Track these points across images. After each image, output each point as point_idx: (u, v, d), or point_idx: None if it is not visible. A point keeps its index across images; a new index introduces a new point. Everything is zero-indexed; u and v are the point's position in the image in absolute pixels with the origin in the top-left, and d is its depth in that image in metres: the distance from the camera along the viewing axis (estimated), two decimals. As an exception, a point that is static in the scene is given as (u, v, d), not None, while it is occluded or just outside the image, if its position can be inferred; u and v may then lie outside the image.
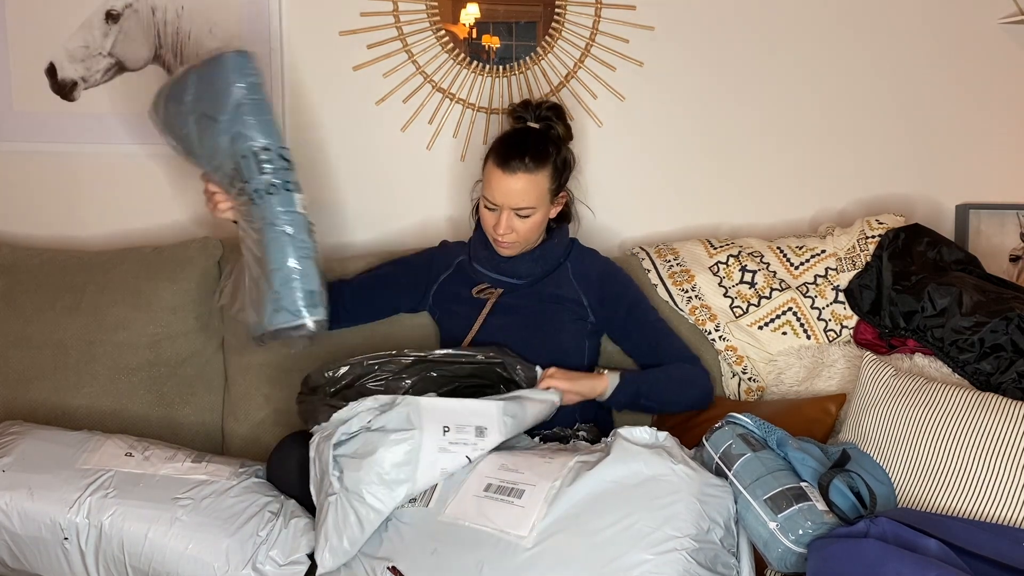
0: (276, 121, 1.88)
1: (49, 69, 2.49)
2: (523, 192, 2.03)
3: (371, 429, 1.70)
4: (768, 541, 1.59)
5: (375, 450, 1.67)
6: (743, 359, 2.23)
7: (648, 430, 1.70)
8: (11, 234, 2.56)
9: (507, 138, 2.10)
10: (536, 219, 2.07)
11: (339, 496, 1.67)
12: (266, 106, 1.87)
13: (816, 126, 2.47)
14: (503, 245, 2.09)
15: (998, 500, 1.64)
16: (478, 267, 2.17)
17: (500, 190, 2.03)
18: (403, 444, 1.68)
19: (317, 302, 1.86)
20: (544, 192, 2.06)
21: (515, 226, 2.05)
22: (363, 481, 1.66)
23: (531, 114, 2.14)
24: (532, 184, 2.03)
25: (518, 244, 2.10)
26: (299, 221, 1.87)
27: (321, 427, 1.76)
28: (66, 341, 2.22)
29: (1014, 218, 2.43)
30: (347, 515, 1.66)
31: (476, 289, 2.14)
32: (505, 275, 2.14)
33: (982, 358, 1.92)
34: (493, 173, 2.04)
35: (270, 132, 1.87)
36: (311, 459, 1.76)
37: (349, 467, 1.68)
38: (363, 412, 1.72)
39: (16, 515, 1.76)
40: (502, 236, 2.06)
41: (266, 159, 1.85)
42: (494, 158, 2.05)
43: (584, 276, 2.15)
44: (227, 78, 1.86)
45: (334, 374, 1.95)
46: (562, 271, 2.15)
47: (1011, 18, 2.38)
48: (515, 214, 2.04)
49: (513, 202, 2.03)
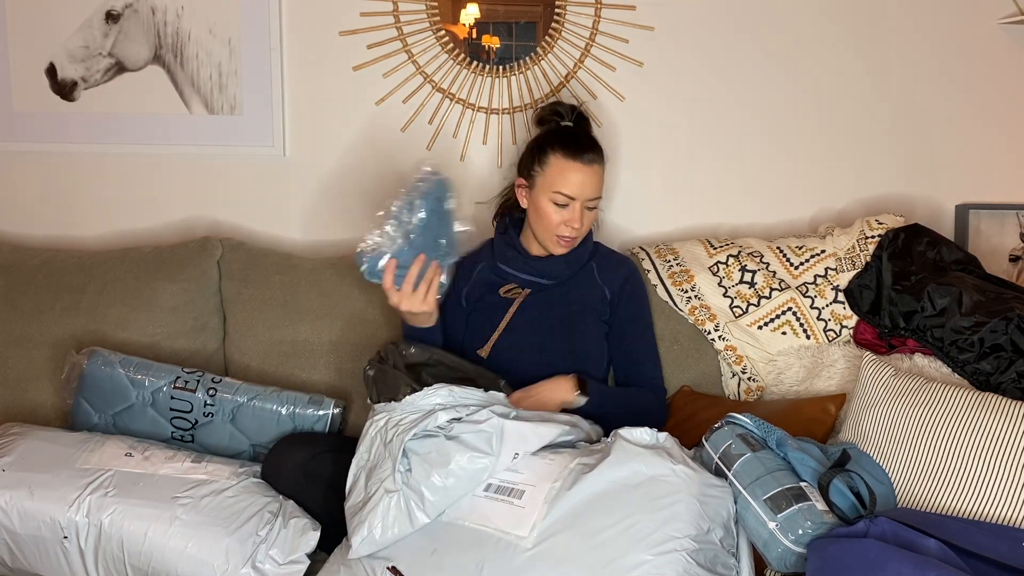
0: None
1: (49, 69, 2.49)
2: (598, 183, 2.07)
3: (449, 437, 1.67)
4: (768, 541, 1.58)
5: (449, 462, 1.64)
6: (743, 359, 2.23)
7: (648, 430, 1.70)
8: (11, 234, 2.57)
9: (568, 133, 2.12)
10: (597, 213, 2.13)
11: (399, 493, 1.63)
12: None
13: (816, 126, 2.47)
14: (565, 243, 2.09)
15: (998, 500, 1.64)
16: (505, 268, 2.16)
17: (578, 183, 2.04)
18: (478, 465, 1.65)
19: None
20: (603, 182, 2.11)
21: (583, 221, 2.08)
22: (430, 487, 1.63)
23: (566, 112, 2.18)
24: (602, 176, 2.09)
25: (576, 241, 2.12)
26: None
27: (390, 407, 1.74)
28: (66, 341, 2.22)
29: (1014, 218, 2.43)
30: (401, 513, 1.63)
31: (504, 289, 2.14)
32: (536, 275, 2.14)
33: (982, 358, 1.92)
34: (569, 166, 2.04)
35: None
36: (364, 432, 1.74)
37: (419, 468, 1.64)
38: (440, 412, 1.69)
39: (16, 514, 1.77)
40: (578, 230, 2.07)
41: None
42: (564, 152, 2.05)
43: (611, 274, 2.17)
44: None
45: (405, 351, 1.94)
46: (587, 271, 2.16)
47: (1011, 18, 2.38)
48: (586, 210, 2.07)
49: (589, 193, 2.05)
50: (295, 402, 2.04)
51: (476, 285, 2.17)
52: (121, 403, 2.04)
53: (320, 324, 2.27)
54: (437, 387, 1.76)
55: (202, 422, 2.02)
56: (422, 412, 1.72)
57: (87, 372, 2.05)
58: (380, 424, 1.74)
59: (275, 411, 2.03)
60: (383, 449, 1.70)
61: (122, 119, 2.50)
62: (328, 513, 1.85)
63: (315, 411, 2.04)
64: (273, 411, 2.03)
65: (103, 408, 2.05)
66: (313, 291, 2.30)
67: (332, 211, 2.53)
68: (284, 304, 2.29)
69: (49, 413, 2.20)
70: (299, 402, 2.04)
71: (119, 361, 2.05)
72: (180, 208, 2.55)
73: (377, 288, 2.05)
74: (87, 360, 2.05)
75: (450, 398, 1.75)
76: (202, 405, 2.02)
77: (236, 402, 2.02)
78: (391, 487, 1.64)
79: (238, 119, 2.48)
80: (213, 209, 2.55)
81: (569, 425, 1.81)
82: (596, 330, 2.13)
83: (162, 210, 2.55)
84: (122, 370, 2.04)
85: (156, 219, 2.56)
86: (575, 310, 2.12)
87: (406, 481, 1.64)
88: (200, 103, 2.49)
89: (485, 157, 2.50)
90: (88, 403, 2.06)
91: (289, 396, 2.05)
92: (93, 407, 2.06)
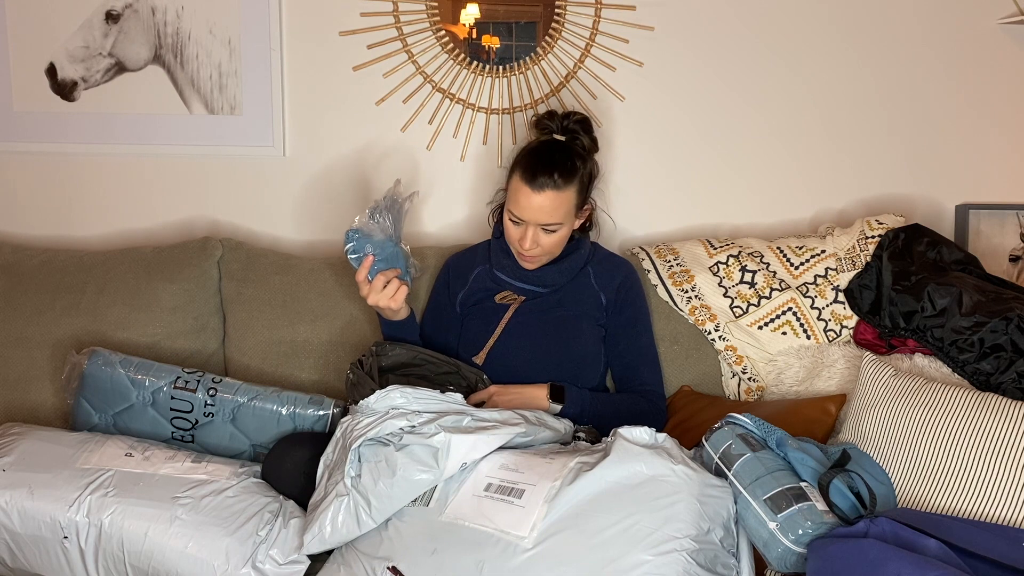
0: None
1: (49, 69, 2.49)
2: (551, 209, 2.00)
3: (399, 447, 1.69)
4: (768, 541, 1.58)
5: (394, 472, 1.67)
6: (743, 359, 2.23)
7: (648, 431, 1.70)
8: (11, 234, 2.57)
9: (534, 152, 2.06)
10: (562, 234, 2.07)
11: (349, 497, 1.67)
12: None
13: (816, 126, 2.47)
14: (527, 259, 2.09)
15: (998, 500, 1.64)
16: (500, 275, 2.16)
17: (527, 207, 2.00)
18: (421, 477, 1.68)
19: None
20: (571, 208, 2.04)
21: (540, 241, 2.04)
22: (376, 494, 1.66)
23: (557, 125, 2.12)
24: (560, 201, 2.01)
25: (543, 257, 2.10)
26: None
27: (353, 409, 1.79)
28: (66, 341, 2.22)
29: (1014, 218, 2.43)
30: (348, 516, 1.67)
31: (499, 296, 2.14)
32: (530, 283, 2.14)
33: (982, 358, 1.92)
34: (520, 189, 2.01)
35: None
36: (334, 437, 1.78)
37: (367, 475, 1.68)
38: (392, 419, 1.72)
39: (16, 514, 1.77)
40: (528, 251, 2.05)
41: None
42: (520, 173, 2.01)
43: (608, 278, 2.16)
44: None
45: (388, 352, 2.01)
46: (583, 276, 2.16)
47: (1011, 18, 2.38)
48: (541, 230, 2.03)
49: (540, 219, 2.01)
50: (295, 402, 2.04)
51: (473, 291, 2.17)
52: (121, 403, 2.04)
53: (320, 324, 2.27)
54: (391, 389, 1.78)
55: (202, 422, 2.02)
56: (378, 415, 1.75)
57: (87, 372, 2.05)
58: (344, 426, 1.78)
59: (275, 411, 2.03)
60: (342, 451, 1.74)
61: (122, 119, 2.50)
62: (328, 513, 1.86)
63: (315, 411, 2.04)
64: (273, 411, 2.03)
65: (103, 408, 2.05)
66: (313, 291, 2.30)
67: (332, 211, 2.53)
68: (284, 304, 2.29)
69: (49, 413, 2.20)
70: (299, 402, 2.04)
71: (119, 361, 2.05)
72: (180, 208, 2.55)
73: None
74: (87, 360, 2.05)
75: (402, 400, 1.77)
76: (202, 405, 2.02)
77: (236, 402, 2.02)
78: (342, 491, 1.67)
79: (238, 119, 2.48)
80: (213, 209, 2.55)
81: (529, 425, 1.81)
82: (592, 335, 2.12)
83: (162, 210, 2.55)
84: (122, 370, 2.04)
85: (156, 219, 2.56)
86: (570, 315, 2.11)
87: (355, 485, 1.67)
88: (200, 103, 2.49)
89: (485, 157, 2.50)
90: (88, 403, 2.06)
91: (289, 396, 2.05)
92: (93, 407, 2.06)
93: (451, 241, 2.48)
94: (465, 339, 2.14)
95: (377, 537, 1.68)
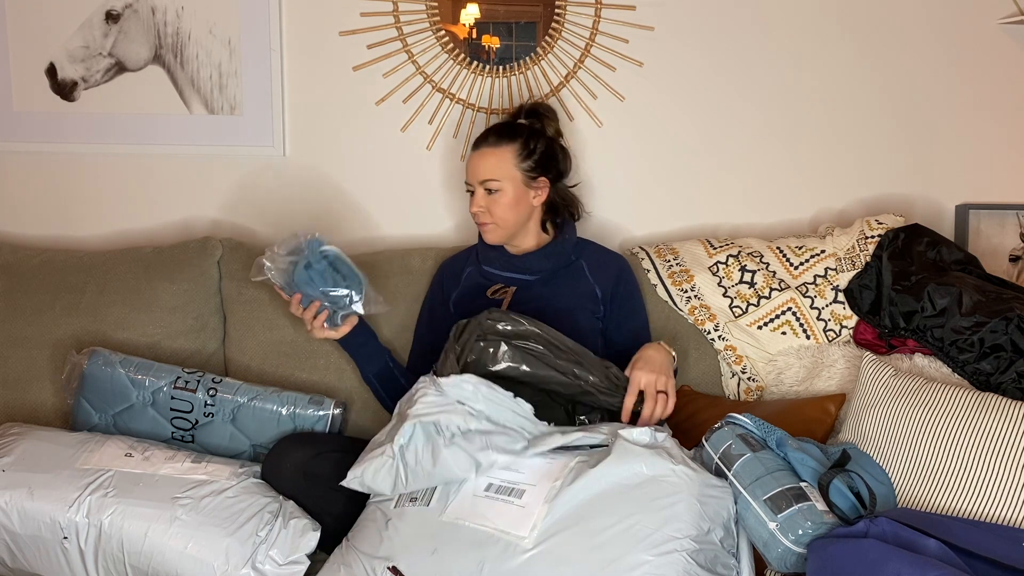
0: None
1: (49, 69, 2.49)
2: (488, 166, 2.11)
3: (448, 443, 1.70)
4: (768, 541, 1.59)
5: (434, 463, 1.69)
6: (742, 359, 2.23)
7: (648, 431, 1.70)
8: (11, 234, 2.57)
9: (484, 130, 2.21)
10: (507, 199, 2.12)
11: (394, 460, 1.69)
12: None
13: (816, 126, 2.47)
14: (483, 228, 2.15)
15: (998, 500, 1.64)
16: (488, 268, 2.18)
17: (470, 168, 2.14)
18: (455, 478, 1.70)
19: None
20: (510, 167, 2.12)
21: (487, 205, 2.12)
22: (413, 471, 1.69)
23: (522, 113, 2.23)
24: (496, 157, 2.11)
25: (498, 228, 2.14)
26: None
27: (432, 377, 1.80)
28: (66, 341, 2.22)
29: (1014, 218, 2.43)
30: (387, 475, 1.69)
31: (491, 290, 2.15)
32: (517, 272, 2.16)
33: (982, 358, 1.92)
34: (468, 158, 2.17)
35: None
36: (415, 387, 1.79)
37: (412, 450, 1.69)
38: (455, 414, 1.73)
39: (16, 514, 1.77)
40: (477, 215, 2.13)
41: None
42: (472, 148, 2.18)
43: (602, 271, 2.17)
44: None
45: (504, 324, 1.91)
46: (576, 268, 2.17)
47: (1011, 18, 2.38)
48: (485, 192, 2.11)
49: (479, 175, 2.12)
50: (295, 402, 2.04)
51: (466, 291, 2.18)
52: (121, 403, 2.04)
53: (320, 324, 2.27)
54: (464, 379, 1.77)
55: (202, 422, 2.03)
56: (444, 402, 1.75)
57: (87, 372, 2.05)
58: (419, 389, 1.79)
59: (275, 411, 2.03)
60: (407, 412, 1.74)
61: (122, 119, 2.50)
62: (328, 513, 1.85)
63: (315, 411, 2.04)
64: (273, 411, 2.03)
65: (104, 408, 2.05)
66: (313, 291, 2.30)
67: (332, 211, 2.53)
68: (284, 304, 2.28)
69: (49, 413, 2.20)
70: (299, 402, 2.04)
71: (119, 361, 2.06)
72: (180, 208, 2.55)
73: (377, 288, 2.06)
74: (87, 360, 2.06)
75: (471, 392, 1.76)
76: (202, 405, 2.02)
77: (236, 402, 2.03)
78: (389, 453, 1.69)
79: (238, 119, 2.48)
80: (213, 209, 2.55)
81: (600, 438, 1.76)
82: (589, 325, 2.12)
83: (162, 210, 2.55)
84: (122, 370, 2.04)
85: (156, 219, 2.56)
86: (564, 306, 2.11)
87: (401, 453, 1.69)
88: (200, 103, 2.49)
89: (485, 157, 2.49)
90: (88, 403, 2.06)
91: (289, 396, 2.05)
92: (93, 407, 2.06)
93: (452, 242, 2.48)
94: None
95: (377, 537, 1.68)
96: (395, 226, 2.53)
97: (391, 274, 2.31)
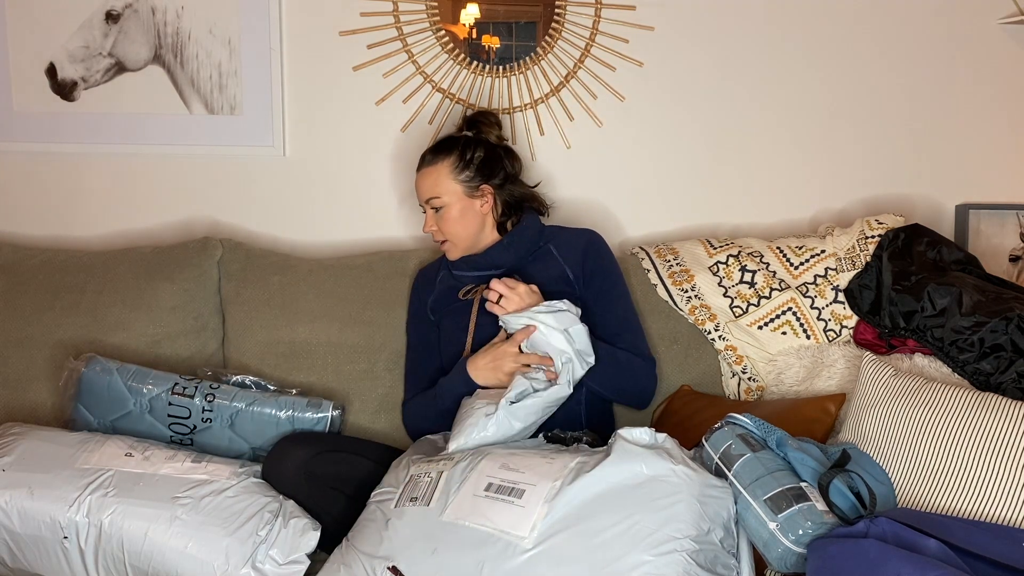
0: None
1: (49, 69, 2.49)
2: (428, 184, 2.15)
3: (513, 401, 1.86)
4: (768, 541, 1.59)
5: (513, 426, 1.85)
6: (743, 359, 2.23)
7: (648, 431, 1.70)
8: (11, 234, 2.57)
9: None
10: (453, 213, 2.14)
11: (500, 414, 1.84)
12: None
13: (816, 126, 2.47)
14: (442, 247, 2.19)
15: (998, 500, 1.64)
16: (457, 272, 2.18)
17: (416, 190, 2.19)
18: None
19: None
20: (449, 182, 2.14)
21: (437, 224, 2.16)
22: (504, 429, 1.85)
23: (464, 125, 2.25)
24: (435, 174, 2.15)
25: (454, 245, 2.17)
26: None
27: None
28: (66, 341, 2.22)
29: (1014, 218, 2.43)
30: (490, 428, 1.84)
31: (462, 292, 2.14)
32: (482, 269, 2.15)
33: (982, 358, 1.92)
34: (415, 179, 2.20)
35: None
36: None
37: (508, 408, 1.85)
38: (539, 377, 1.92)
39: (16, 514, 1.77)
40: (434, 237, 2.17)
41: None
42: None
43: (569, 249, 2.16)
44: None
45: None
46: (545, 252, 2.16)
47: (1011, 18, 2.38)
48: (433, 211, 2.15)
49: (423, 194, 2.17)
50: (293, 406, 2.04)
51: (440, 294, 2.18)
52: (119, 410, 2.04)
53: (319, 325, 2.27)
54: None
55: (200, 428, 2.03)
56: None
57: (85, 378, 2.05)
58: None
59: (273, 415, 2.03)
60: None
61: (122, 119, 2.50)
62: (328, 513, 1.86)
63: (314, 414, 2.04)
64: (271, 415, 2.03)
65: (101, 415, 2.05)
66: (312, 292, 2.30)
67: (332, 211, 2.53)
68: (283, 305, 2.29)
69: (49, 413, 2.20)
70: (297, 405, 2.04)
71: (117, 368, 2.06)
72: (180, 208, 2.55)
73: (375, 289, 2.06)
74: (85, 366, 2.06)
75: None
76: (200, 411, 2.02)
77: (234, 407, 2.02)
78: (493, 410, 1.86)
79: (238, 119, 2.48)
80: (213, 209, 2.55)
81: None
82: None
83: (162, 210, 2.55)
84: (119, 377, 2.04)
85: (156, 219, 2.56)
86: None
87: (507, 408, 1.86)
88: (200, 103, 2.49)
89: (485, 157, 2.49)
90: (86, 409, 2.06)
91: (287, 400, 2.05)
92: (92, 413, 2.06)
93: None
94: (444, 339, 2.15)
95: (377, 537, 1.68)
96: (395, 226, 2.53)
97: (391, 275, 2.32)
